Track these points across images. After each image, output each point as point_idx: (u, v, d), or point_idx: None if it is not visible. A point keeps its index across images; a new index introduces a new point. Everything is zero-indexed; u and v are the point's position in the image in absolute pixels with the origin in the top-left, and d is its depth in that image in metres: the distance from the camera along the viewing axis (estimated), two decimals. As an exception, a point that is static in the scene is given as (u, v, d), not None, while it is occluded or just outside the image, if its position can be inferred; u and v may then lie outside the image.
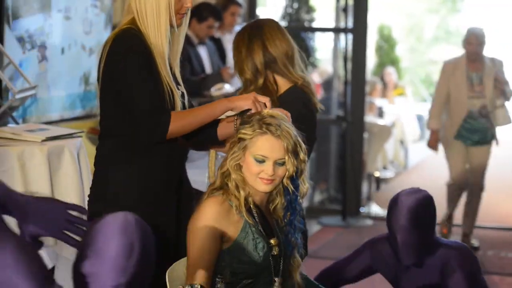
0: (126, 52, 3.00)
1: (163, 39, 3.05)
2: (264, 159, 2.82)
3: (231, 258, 2.83)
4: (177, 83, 3.16)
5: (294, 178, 2.88)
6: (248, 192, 2.86)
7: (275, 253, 2.87)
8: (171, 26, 3.08)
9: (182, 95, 3.16)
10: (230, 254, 2.83)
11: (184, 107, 3.15)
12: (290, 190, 2.89)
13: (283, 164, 2.83)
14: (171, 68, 3.13)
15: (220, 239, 2.81)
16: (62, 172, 3.83)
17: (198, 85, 6.26)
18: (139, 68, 2.98)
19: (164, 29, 3.05)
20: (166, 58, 3.06)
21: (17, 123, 4.42)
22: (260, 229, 2.85)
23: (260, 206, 2.91)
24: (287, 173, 2.85)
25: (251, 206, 2.87)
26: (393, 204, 3.36)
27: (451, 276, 3.31)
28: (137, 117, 2.98)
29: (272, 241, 2.88)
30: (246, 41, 3.51)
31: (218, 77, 6.51)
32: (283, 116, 2.90)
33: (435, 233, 3.43)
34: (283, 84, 3.54)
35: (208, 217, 2.80)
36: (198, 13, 6.68)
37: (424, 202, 3.34)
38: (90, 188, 3.17)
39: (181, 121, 2.99)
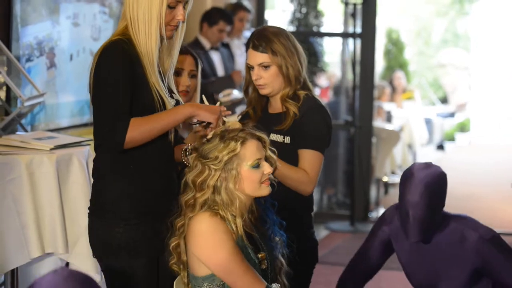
0: (110, 65, 3.00)
1: (153, 47, 3.05)
2: (259, 162, 2.85)
3: None
4: (171, 92, 3.16)
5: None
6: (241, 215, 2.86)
7: (264, 267, 2.87)
8: (161, 36, 3.08)
9: (177, 103, 3.16)
10: None
11: None
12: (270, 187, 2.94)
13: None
14: (164, 78, 3.14)
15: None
16: (71, 180, 3.83)
17: (207, 88, 6.26)
18: (117, 81, 2.97)
19: (154, 38, 3.05)
20: (155, 67, 3.06)
21: (25, 130, 4.43)
22: (249, 245, 2.85)
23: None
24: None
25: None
26: (407, 178, 3.30)
27: (470, 241, 3.29)
28: (96, 126, 2.99)
29: (260, 256, 2.87)
30: (294, 41, 3.46)
31: (229, 80, 6.50)
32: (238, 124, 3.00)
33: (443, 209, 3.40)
34: None
35: (221, 229, 2.78)
36: (209, 17, 6.70)
37: (439, 178, 3.30)
38: (90, 201, 3.17)
39: (140, 127, 2.95)
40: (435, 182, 3.28)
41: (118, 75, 2.97)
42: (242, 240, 2.82)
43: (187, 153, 3.11)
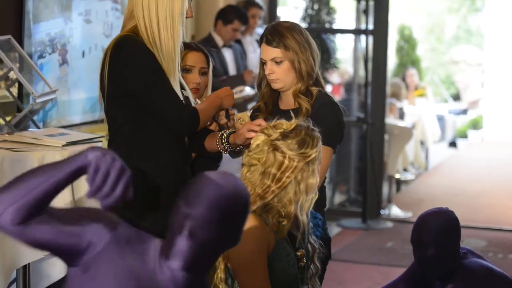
0: (134, 55, 3.04)
1: (176, 48, 3.10)
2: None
3: None
4: (182, 88, 3.20)
5: None
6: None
7: (302, 264, 2.84)
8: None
9: (186, 99, 3.19)
10: None
11: None
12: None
13: None
14: None
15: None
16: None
17: (218, 87, 6.24)
18: (152, 70, 3.04)
19: (177, 39, 3.11)
20: (177, 65, 3.10)
21: (38, 127, 4.43)
22: (289, 243, 2.80)
23: None
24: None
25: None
26: (420, 225, 3.36)
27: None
28: (169, 119, 3.07)
29: (299, 253, 2.84)
30: (308, 36, 3.47)
31: (240, 79, 6.50)
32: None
33: (459, 250, 3.42)
34: None
35: (257, 238, 2.68)
36: (224, 15, 6.68)
37: (451, 223, 3.35)
38: None
39: (203, 116, 3.14)
40: (446, 229, 3.33)
41: (153, 65, 3.05)
42: (283, 241, 2.77)
43: (223, 140, 3.19)
